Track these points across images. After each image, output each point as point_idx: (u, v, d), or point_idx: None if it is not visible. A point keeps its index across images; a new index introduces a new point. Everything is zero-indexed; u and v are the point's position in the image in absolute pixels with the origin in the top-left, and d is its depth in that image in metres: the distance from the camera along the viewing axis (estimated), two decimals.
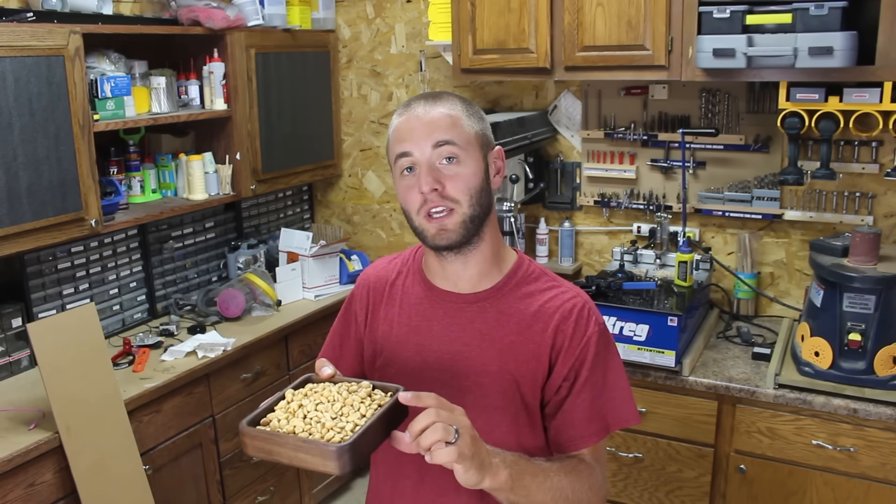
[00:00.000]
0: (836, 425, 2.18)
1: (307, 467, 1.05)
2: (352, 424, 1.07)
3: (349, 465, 1.02)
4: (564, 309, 1.31)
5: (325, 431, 1.06)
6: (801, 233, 2.74)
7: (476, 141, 1.28)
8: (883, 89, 2.20)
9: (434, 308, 1.35)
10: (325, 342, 1.51)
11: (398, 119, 1.30)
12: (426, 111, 1.27)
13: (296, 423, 1.09)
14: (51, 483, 2.12)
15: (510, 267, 1.36)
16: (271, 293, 3.04)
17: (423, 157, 1.25)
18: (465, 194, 1.25)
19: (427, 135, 1.25)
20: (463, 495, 1.33)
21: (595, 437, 1.30)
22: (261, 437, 1.08)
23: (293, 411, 1.12)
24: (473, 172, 1.26)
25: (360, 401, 1.13)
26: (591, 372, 1.29)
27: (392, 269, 1.44)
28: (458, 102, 1.30)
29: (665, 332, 2.32)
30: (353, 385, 1.18)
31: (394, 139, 1.29)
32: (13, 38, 2.18)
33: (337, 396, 1.14)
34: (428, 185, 1.23)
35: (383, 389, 1.17)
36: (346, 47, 3.51)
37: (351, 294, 1.49)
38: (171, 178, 2.98)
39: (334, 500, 3.33)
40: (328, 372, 1.21)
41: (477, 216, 1.27)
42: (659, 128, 2.87)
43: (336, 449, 1.01)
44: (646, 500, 2.50)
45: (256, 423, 1.11)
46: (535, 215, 3.16)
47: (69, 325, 2.22)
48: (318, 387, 1.18)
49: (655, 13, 2.44)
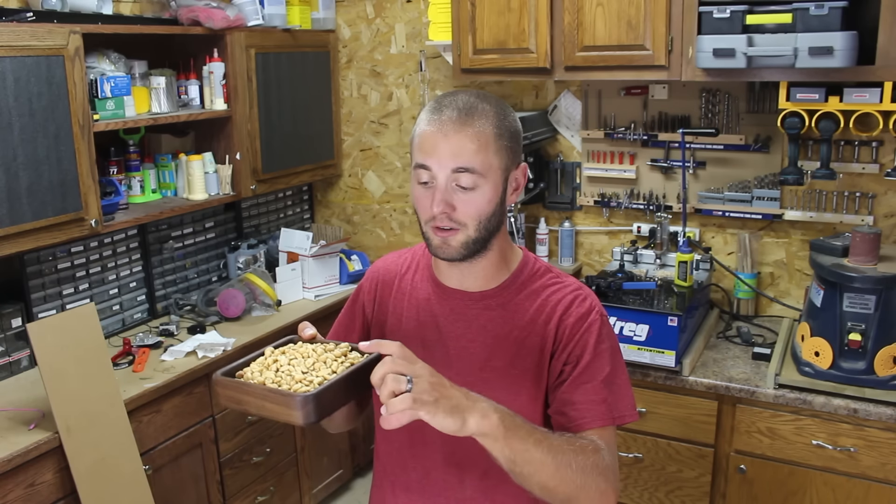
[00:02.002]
0: (836, 425, 2.18)
1: (273, 417, 1.07)
2: (320, 379, 1.09)
3: (313, 416, 1.04)
4: (566, 300, 1.32)
5: (294, 383, 1.09)
6: (801, 233, 2.74)
7: (499, 164, 1.25)
8: (883, 89, 2.21)
9: (441, 305, 1.36)
10: (328, 334, 1.51)
11: (426, 126, 1.24)
12: (456, 129, 1.21)
13: (268, 375, 1.12)
14: (51, 483, 2.12)
15: (516, 266, 1.37)
16: (271, 293, 3.04)
17: (440, 176, 1.23)
18: (475, 220, 1.25)
19: (450, 156, 1.22)
20: (468, 489, 1.33)
21: (599, 420, 1.25)
22: (231, 387, 1.11)
23: (268, 365, 1.15)
24: (488, 200, 1.25)
25: (333, 359, 1.15)
26: (593, 357, 1.27)
27: (402, 264, 1.45)
28: (492, 120, 1.24)
29: (665, 332, 2.32)
30: (331, 345, 1.21)
31: (417, 144, 1.26)
32: (13, 38, 2.17)
33: (312, 353, 1.17)
34: (439, 207, 1.23)
35: (360, 352, 1.18)
36: (346, 47, 3.51)
37: (359, 286, 1.49)
38: (171, 178, 2.98)
39: (334, 500, 3.33)
40: (310, 332, 1.22)
41: (481, 238, 1.27)
42: (659, 128, 2.87)
43: (301, 398, 1.03)
44: (646, 500, 2.50)
45: (232, 375, 1.15)
46: (535, 215, 3.16)
47: (69, 325, 2.22)
48: (297, 345, 1.21)
49: (655, 13, 2.44)
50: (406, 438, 1.36)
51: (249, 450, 2.79)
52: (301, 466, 3.05)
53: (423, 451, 1.35)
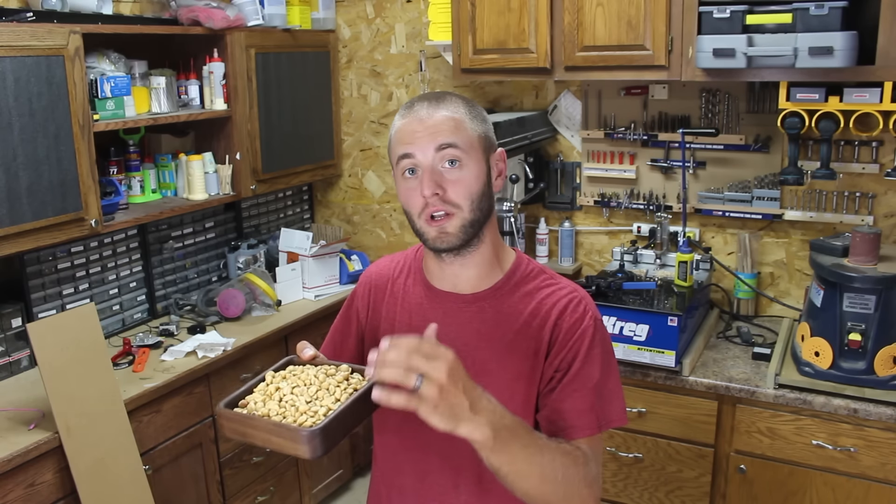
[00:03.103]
0: (836, 425, 2.18)
1: (280, 450, 1.06)
2: (325, 409, 1.08)
3: (320, 450, 1.03)
4: (560, 304, 1.31)
5: (299, 415, 1.08)
6: (801, 233, 2.74)
7: (479, 144, 1.28)
8: (883, 89, 2.20)
9: (434, 308, 1.35)
10: (325, 339, 1.51)
11: (401, 120, 1.28)
12: (429, 113, 1.26)
13: (271, 406, 1.11)
14: (51, 483, 2.12)
15: (509, 267, 1.36)
16: (271, 293, 3.04)
17: (425, 160, 1.24)
18: (467, 199, 1.25)
19: (430, 137, 1.24)
20: (462, 493, 1.33)
21: (588, 429, 1.26)
22: (236, 420, 1.10)
23: (270, 394, 1.14)
24: (476, 176, 1.26)
25: (335, 384, 1.14)
26: (584, 364, 1.27)
27: (395, 268, 1.44)
28: (462, 104, 1.29)
29: (665, 332, 2.32)
30: (332, 368, 1.19)
31: (396, 140, 1.28)
32: (13, 38, 2.18)
33: (314, 380, 1.16)
34: (430, 188, 1.23)
35: (361, 373, 1.18)
36: (346, 47, 3.51)
37: (353, 292, 1.49)
38: (171, 178, 2.98)
39: (334, 500, 3.33)
40: (309, 353, 1.22)
41: (477, 220, 1.27)
42: (659, 128, 2.87)
43: (307, 434, 1.02)
44: (646, 500, 2.50)
45: (235, 404, 1.13)
46: (535, 215, 3.16)
47: (69, 325, 2.22)
48: (297, 369, 1.20)
49: (655, 13, 2.44)
50: (402, 442, 1.36)
51: (249, 450, 2.79)
52: (301, 466, 3.05)
53: (418, 455, 1.35)
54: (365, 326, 1.44)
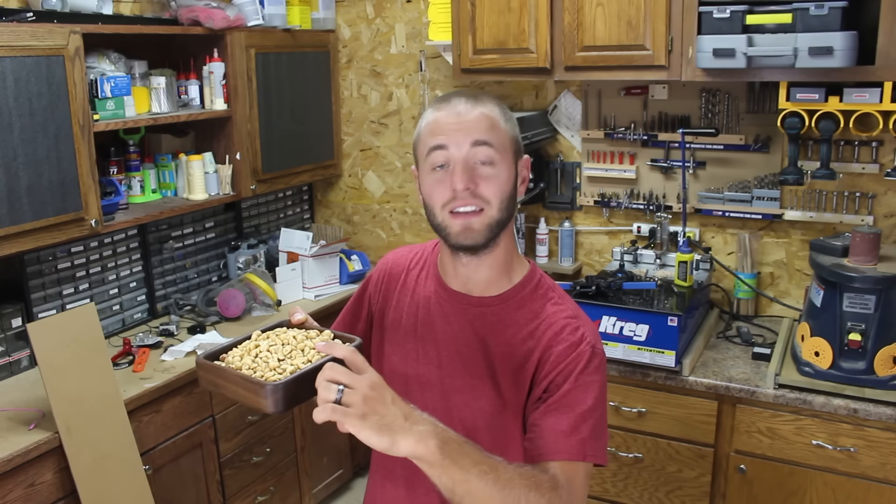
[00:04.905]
0: (836, 425, 2.18)
1: (246, 403, 1.10)
2: (293, 368, 1.11)
3: (281, 405, 1.06)
4: (558, 325, 1.28)
5: (268, 371, 1.10)
6: (801, 233, 2.74)
7: (510, 146, 1.28)
8: (883, 89, 2.20)
9: (441, 305, 1.35)
10: (336, 319, 1.52)
11: (436, 112, 1.27)
12: (467, 109, 1.25)
13: (246, 360, 1.14)
14: (51, 483, 2.12)
15: (520, 279, 1.34)
16: (271, 293, 3.04)
17: (459, 154, 1.23)
18: (497, 197, 1.24)
19: (466, 133, 1.23)
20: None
21: (566, 453, 1.18)
22: (211, 370, 1.14)
23: (249, 350, 1.17)
24: (507, 178, 1.26)
25: (311, 347, 1.16)
26: (574, 387, 1.22)
27: (412, 259, 1.45)
28: (496, 106, 1.29)
29: (665, 332, 2.32)
30: (314, 333, 1.22)
31: (428, 132, 1.27)
32: (13, 38, 2.17)
33: (292, 341, 1.18)
34: (463, 182, 1.22)
35: (344, 339, 1.20)
36: (346, 47, 3.51)
37: (369, 276, 1.50)
38: (171, 178, 2.98)
39: (334, 500, 3.33)
40: (299, 317, 1.23)
41: (502, 220, 1.27)
42: (659, 128, 2.87)
43: (270, 387, 1.05)
44: (646, 500, 2.50)
45: (216, 357, 1.17)
46: (535, 215, 3.16)
47: (69, 325, 2.22)
48: (282, 331, 1.22)
49: (655, 13, 2.44)
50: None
51: (249, 450, 2.79)
52: (301, 466, 3.05)
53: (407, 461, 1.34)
54: (374, 312, 1.45)
